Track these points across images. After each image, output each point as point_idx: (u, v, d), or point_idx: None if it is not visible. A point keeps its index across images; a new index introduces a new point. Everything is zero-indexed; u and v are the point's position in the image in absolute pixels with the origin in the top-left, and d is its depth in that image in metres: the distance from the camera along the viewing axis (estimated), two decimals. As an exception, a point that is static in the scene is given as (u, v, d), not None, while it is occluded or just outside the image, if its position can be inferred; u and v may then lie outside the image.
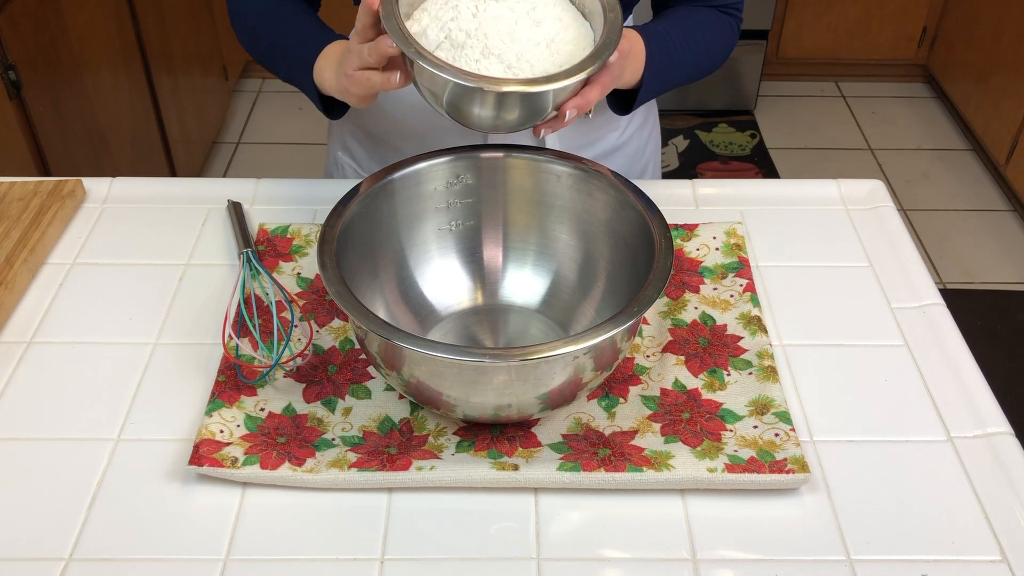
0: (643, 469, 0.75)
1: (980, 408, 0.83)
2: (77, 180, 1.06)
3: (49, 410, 0.82)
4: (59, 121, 1.82)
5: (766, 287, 0.95)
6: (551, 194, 0.90)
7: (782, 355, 0.88)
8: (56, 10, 1.81)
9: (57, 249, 1.00)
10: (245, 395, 0.82)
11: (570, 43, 0.79)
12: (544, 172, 0.89)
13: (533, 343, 0.81)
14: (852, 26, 3.01)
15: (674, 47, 0.95)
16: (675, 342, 0.88)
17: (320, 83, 0.92)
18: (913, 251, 1.00)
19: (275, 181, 1.09)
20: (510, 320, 0.92)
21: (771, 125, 3.02)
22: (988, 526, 0.74)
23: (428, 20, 0.79)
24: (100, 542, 0.72)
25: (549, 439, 0.79)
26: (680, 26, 0.98)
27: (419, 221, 0.90)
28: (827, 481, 0.77)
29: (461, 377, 0.73)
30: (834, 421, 0.82)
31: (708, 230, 1.00)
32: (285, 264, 0.97)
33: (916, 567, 0.71)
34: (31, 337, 0.89)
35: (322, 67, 0.91)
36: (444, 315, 0.91)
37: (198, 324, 0.91)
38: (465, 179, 0.89)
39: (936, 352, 0.88)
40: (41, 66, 1.75)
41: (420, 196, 0.89)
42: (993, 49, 2.69)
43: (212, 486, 0.76)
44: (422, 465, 0.76)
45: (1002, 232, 2.60)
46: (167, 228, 1.03)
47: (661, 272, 0.76)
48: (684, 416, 0.81)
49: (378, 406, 0.82)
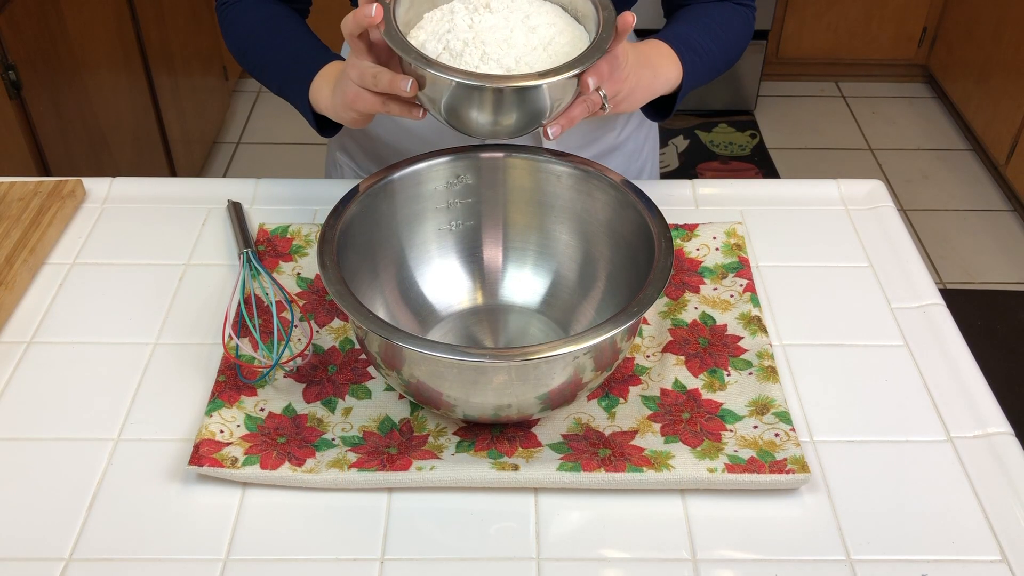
0: (643, 469, 0.75)
1: (980, 408, 0.83)
2: (77, 180, 1.06)
3: (49, 410, 0.82)
4: (59, 121, 1.82)
5: (766, 287, 0.95)
6: (551, 194, 0.90)
7: (782, 355, 0.88)
8: (56, 10, 1.81)
9: (57, 249, 1.00)
10: (245, 395, 0.82)
11: (567, 45, 0.80)
12: (544, 172, 0.89)
13: (533, 343, 0.81)
14: (852, 26, 3.01)
15: (702, 46, 0.96)
16: (675, 342, 0.88)
17: (315, 102, 0.91)
18: (913, 251, 1.00)
19: (275, 181, 1.09)
20: (510, 320, 0.92)
21: (771, 125, 3.02)
22: (988, 526, 0.74)
23: (425, 36, 0.80)
24: (100, 542, 0.72)
25: (549, 439, 0.79)
26: (700, 25, 0.98)
27: (419, 221, 0.90)
28: (827, 481, 0.77)
29: (461, 377, 0.73)
30: (834, 421, 0.82)
31: (708, 230, 1.00)
32: (285, 264, 0.97)
33: (916, 567, 0.71)
34: (31, 337, 0.89)
35: (319, 86, 0.90)
36: (444, 315, 0.91)
37: (198, 324, 0.91)
38: (465, 179, 0.89)
39: (936, 352, 0.88)
40: (41, 66, 1.75)
41: (420, 196, 0.89)
42: (993, 49, 2.69)
43: (212, 486, 0.76)
44: (422, 465, 0.76)
45: (1002, 232, 2.60)
46: (167, 228, 1.03)
47: (661, 272, 0.76)
48: (684, 416, 0.81)
49: (378, 406, 0.82)
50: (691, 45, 0.96)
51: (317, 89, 0.91)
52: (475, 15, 0.79)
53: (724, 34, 0.99)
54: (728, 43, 0.99)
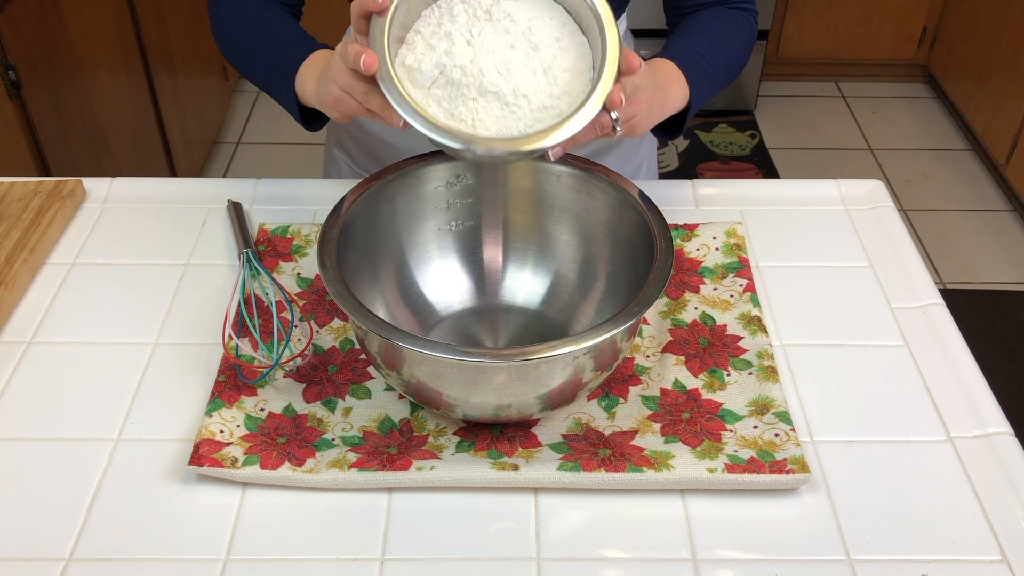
0: (643, 469, 0.75)
1: (980, 408, 0.83)
2: (77, 180, 1.06)
3: (49, 410, 0.82)
4: (59, 121, 1.82)
5: (766, 287, 0.95)
6: (551, 194, 0.90)
7: (782, 355, 0.88)
8: (56, 10, 1.81)
9: (57, 249, 1.00)
10: (245, 395, 0.82)
11: (567, 71, 0.76)
12: (544, 172, 0.89)
13: (533, 343, 0.81)
14: (852, 26, 3.01)
15: (708, 62, 0.95)
16: (675, 342, 0.88)
17: (301, 92, 0.89)
18: (913, 251, 1.00)
19: (275, 181, 1.09)
20: (510, 320, 0.92)
21: (771, 125, 3.02)
22: (988, 526, 0.74)
23: (422, 48, 0.76)
24: (100, 542, 0.72)
25: (549, 439, 0.79)
26: (703, 38, 0.97)
27: (419, 221, 0.90)
28: (827, 481, 0.77)
29: (461, 377, 0.73)
30: (834, 421, 0.82)
31: (708, 230, 1.00)
32: (285, 264, 0.97)
33: (916, 567, 0.71)
34: (31, 337, 0.89)
35: (305, 76, 0.88)
36: (444, 315, 0.91)
37: (198, 324, 0.91)
38: (465, 179, 0.89)
39: (936, 352, 0.88)
40: (41, 66, 1.75)
41: (420, 196, 0.89)
42: (993, 49, 2.69)
43: (212, 486, 0.76)
44: (422, 465, 0.76)
45: (1002, 232, 2.60)
46: (167, 228, 1.03)
47: (661, 272, 0.76)
48: (684, 416, 0.81)
49: (378, 406, 0.82)
50: (697, 62, 0.95)
51: (303, 79, 0.88)
52: (474, 27, 0.76)
53: (728, 47, 0.98)
54: (732, 56, 0.99)
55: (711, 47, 0.97)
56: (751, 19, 1.02)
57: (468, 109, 0.74)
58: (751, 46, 1.02)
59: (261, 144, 2.88)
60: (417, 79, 0.75)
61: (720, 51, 0.97)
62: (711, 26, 0.99)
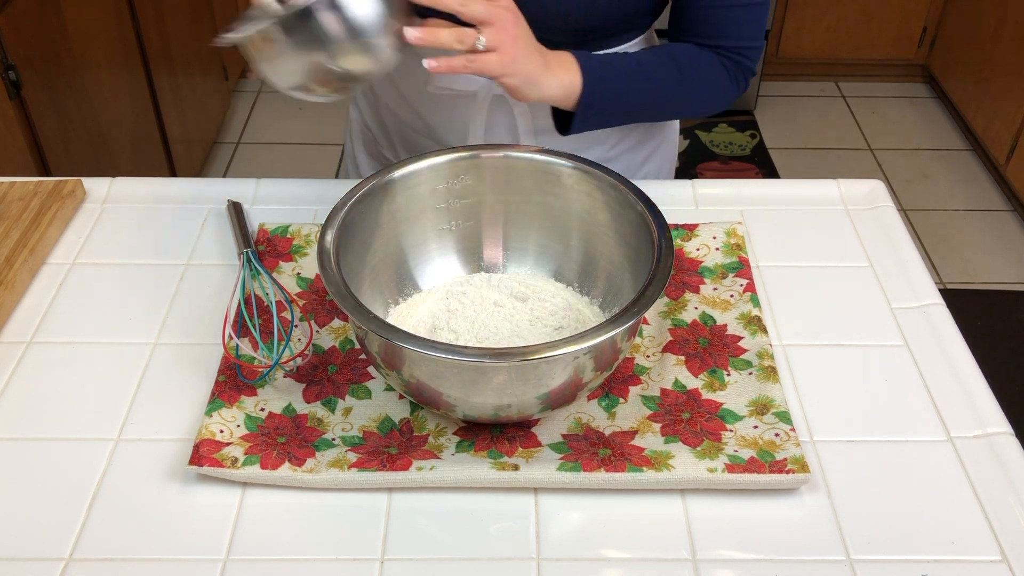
0: (643, 469, 0.75)
1: (980, 408, 0.83)
2: (77, 180, 1.06)
3: (49, 410, 0.82)
4: (59, 121, 1.82)
5: (766, 287, 0.95)
6: (551, 194, 0.90)
7: (782, 355, 0.88)
8: (56, 10, 1.81)
9: (57, 249, 1.00)
10: (245, 395, 0.82)
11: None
12: (544, 172, 0.89)
13: (533, 343, 0.81)
14: (852, 26, 3.01)
15: (629, 68, 0.92)
16: (675, 342, 0.88)
17: None
18: (913, 251, 1.00)
19: (275, 181, 1.09)
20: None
21: (771, 125, 3.02)
22: (988, 526, 0.74)
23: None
24: (100, 542, 0.72)
25: (549, 439, 0.79)
26: (651, 53, 0.95)
27: (419, 221, 0.90)
28: (827, 481, 0.77)
29: (461, 377, 0.73)
30: (834, 421, 0.82)
31: (708, 230, 1.00)
32: (285, 264, 0.97)
33: (916, 567, 0.71)
34: (31, 337, 0.89)
35: None
36: (444, 315, 0.91)
37: (198, 324, 0.91)
38: (465, 179, 0.89)
39: (936, 352, 0.88)
40: (41, 66, 1.75)
41: (420, 196, 0.89)
42: (993, 49, 2.69)
43: (212, 486, 0.76)
44: (422, 465, 0.76)
45: (1002, 232, 2.60)
46: (167, 228, 1.03)
47: (661, 272, 0.76)
48: (684, 416, 0.81)
49: (378, 406, 0.82)
50: (609, 63, 0.91)
51: None
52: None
53: (682, 71, 0.94)
54: (688, 82, 0.95)
55: (657, 60, 0.94)
56: (731, 68, 0.97)
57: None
58: (723, 92, 0.98)
59: (261, 144, 2.88)
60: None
61: (668, 69, 0.94)
62: (676, 50, 0.96)
